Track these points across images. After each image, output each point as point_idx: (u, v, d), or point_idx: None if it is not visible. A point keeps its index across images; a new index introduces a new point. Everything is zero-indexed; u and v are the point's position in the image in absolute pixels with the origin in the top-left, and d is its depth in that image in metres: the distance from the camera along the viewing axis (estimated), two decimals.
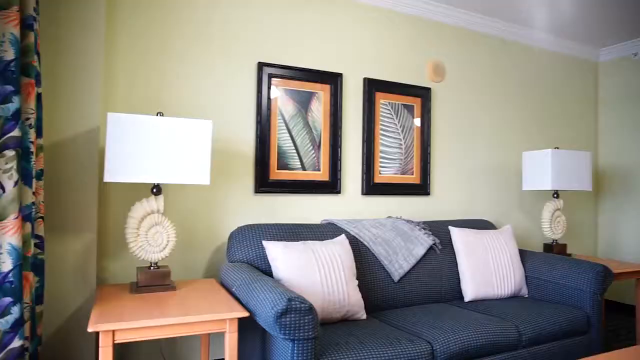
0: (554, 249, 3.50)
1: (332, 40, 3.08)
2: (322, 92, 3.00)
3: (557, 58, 4.29)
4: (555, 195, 3.55)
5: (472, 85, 3.73)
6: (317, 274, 2.20)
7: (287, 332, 1.71)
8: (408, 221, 2.95)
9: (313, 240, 2.54)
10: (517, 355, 2.33)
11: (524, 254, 3.11)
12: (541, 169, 3.40)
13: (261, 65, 2.78)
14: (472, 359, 2.19)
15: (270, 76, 2.82)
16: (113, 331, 1.65)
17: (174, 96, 2.58)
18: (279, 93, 2.86)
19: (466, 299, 2.82)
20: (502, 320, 2.39)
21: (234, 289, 2.07)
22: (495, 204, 3.85)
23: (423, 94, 3.40)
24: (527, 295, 2.98)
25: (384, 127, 3.23)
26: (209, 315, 1.77)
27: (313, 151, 2.96)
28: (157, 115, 2.09)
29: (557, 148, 3.41)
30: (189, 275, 2.61)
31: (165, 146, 2.03)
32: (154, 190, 2.15)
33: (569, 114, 4.38)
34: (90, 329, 1.59)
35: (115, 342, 1.66)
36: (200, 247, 2.65)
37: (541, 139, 4.17)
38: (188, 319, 1.74)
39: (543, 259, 2.98)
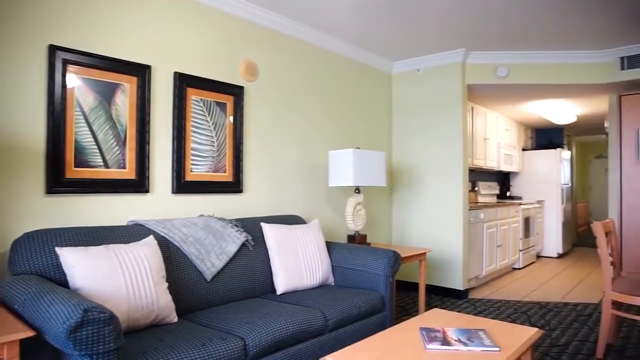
0: (356, 239, 3.86)
1: (142, 30, 2.88)
2: (128, 84, 2.78)
3: (361, 67, 4.75)
4: (356, 191, 3.93)
5: (284, 86, 3.88)
6: (121, 279, 2.03)
7: (83, 347, 1.54)
8: (220, 219, 2.93)
9: (117, 243, 2.34)
10: (323, 339, 2.52)
11: (330, 246, 3.37)
12: (344, 167, 3.72)
13: (53, 49, 2.45)
14: (283, 348, 2.29)
15: (66, 62, 2.51)
16: None
17: None
18: (77, 82, 2.56)
19: (278, 292, 2.93)
20: (310, 309, 2.55)
21: (16, 306, 1.79)
22: (305, 200, 4.08)
23: (236, 92, 3.41)
24: (333, 284, 3.23)
25: (195, 124, 3.15)
26: None
27: (118, 147, 2.73)
28: None
29: (359, 148, 3.77)
30: None
31: None
32: None
33: (370, 118, 4.90)
34: None
35: None
36: None
37: (346, 139, 4.56)
38: None
39: (347, 249, 3.27)
